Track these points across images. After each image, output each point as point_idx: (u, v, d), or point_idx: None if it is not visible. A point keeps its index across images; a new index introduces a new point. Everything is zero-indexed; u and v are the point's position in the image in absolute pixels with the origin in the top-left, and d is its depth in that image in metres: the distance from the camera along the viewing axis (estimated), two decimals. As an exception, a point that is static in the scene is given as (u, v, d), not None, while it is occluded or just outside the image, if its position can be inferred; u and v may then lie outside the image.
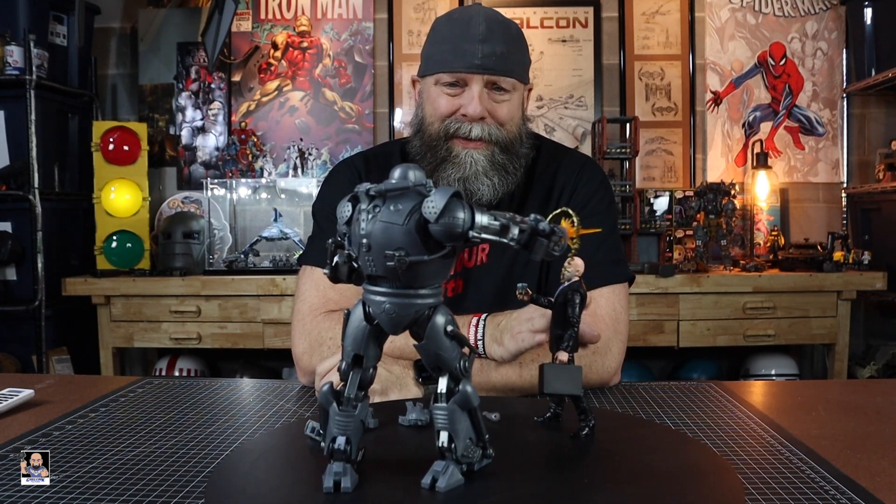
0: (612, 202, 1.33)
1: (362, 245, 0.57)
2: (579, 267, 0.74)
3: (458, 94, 1.21)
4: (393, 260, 0.56)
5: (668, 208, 3.24)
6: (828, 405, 1.00)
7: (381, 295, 0.59)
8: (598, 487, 0.61)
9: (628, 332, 1.24)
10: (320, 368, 1.01)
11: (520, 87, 1.24)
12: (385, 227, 0.57)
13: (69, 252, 3.17)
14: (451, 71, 1.19)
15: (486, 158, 1.21)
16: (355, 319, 0.61)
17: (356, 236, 0.58)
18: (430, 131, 1.24)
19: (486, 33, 1.17)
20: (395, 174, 0.58)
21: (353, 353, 0.61)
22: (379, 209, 0.57)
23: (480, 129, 1.20)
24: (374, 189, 0.58)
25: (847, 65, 3.31)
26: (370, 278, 0.59)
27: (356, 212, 0.59)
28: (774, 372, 3.03)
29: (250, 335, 2.89)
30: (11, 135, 2.95)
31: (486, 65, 1.17)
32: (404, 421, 0.76)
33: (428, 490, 0.58)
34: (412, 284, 0.58)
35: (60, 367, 2.97)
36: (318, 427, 0.68)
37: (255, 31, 3.36)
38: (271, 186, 3.31)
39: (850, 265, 2.92)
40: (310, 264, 1.27)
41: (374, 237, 0.57)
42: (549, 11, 3.33)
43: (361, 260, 0.58)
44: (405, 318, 0.59)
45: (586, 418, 0.73)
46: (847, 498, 0.66)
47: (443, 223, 0.56)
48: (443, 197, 0.56)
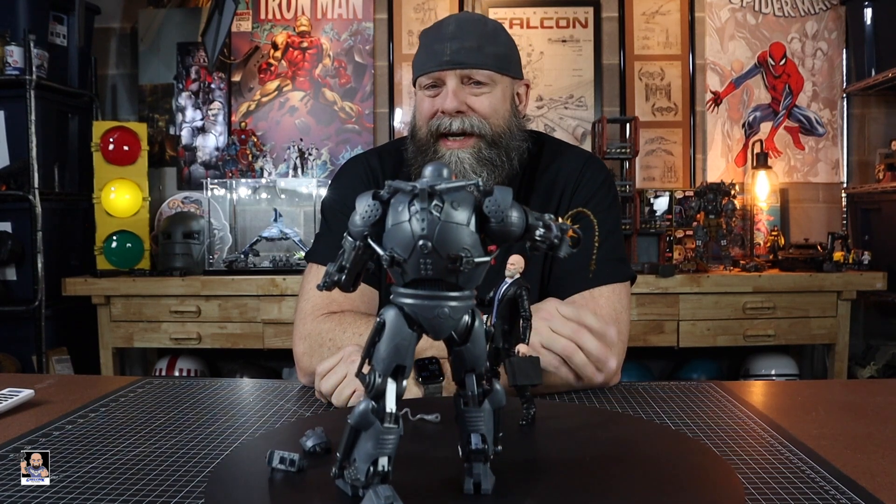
0: (614, 200, 1.33)
1: (419, 247, 0.53)
2: (520, 264, 0.74)
3: (438, 94, 1.23)
4: (459, 261, 0.53)
5: (668, 208, 3.24)
6: (828, 405, 1.00)
7: (433, 299, 0.55)
8: (599, 488, 0.61)
9: (629, 332, 1.24)
10: (320, 368, 1.01)
11: (501, 81, 1.24)
12: (450, 228, 0.54)
13: (69, 252, 3.17)
14: (426, 72, 1.23)
15: (472, 156, 1.22)
16: (396, 327, 0.55)
17: (405, 237, 0.54)
18: (419, 135, 1.26)
19: (455, 31, 1.21)
20: (427, 172, 0.56)
21: (394, 363, 0.55)
22: (440, 208, 0.54)
23: (461, 121, 1.21)
24: (430, 187, 0.54)
25: (847, 65, 3.31)
26: (414, 282, 0.55)
27: (400, 211, 0.54)
28: (774, 372, 3.03)
29: (250, 335, 2.89)
30: (11, 135, 2.95)
31: (455, 59, 1.20)
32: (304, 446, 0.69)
33: (473, 494, 0.58)
34: (465, 286, 0.56)
35: (60, 367, 2.97)
36: (288, 456, 0.63)
37: (255, 31, 3.36)
38: (271, 186, 3.31)
39: (850, 265, 2.92)
40: (316, 262, 1.27)
41: (436, 238, 0.53)
42: (549, 11, 3.33)
43: (411, 262, 0.54)
44: (457, 322, 0.57)
45: (529, 406, 0.78)
46: (847, 498, 0.66)
47: (507, 223, 0.55)
48: (506, 196, 0.55)
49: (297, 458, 0.64)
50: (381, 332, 0.55)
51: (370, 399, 0.54)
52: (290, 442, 0.75)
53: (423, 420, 0.79)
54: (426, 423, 0.79)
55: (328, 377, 0.99)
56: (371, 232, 0.55)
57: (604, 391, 1.10)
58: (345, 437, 0.55)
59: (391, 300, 0.56)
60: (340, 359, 1.00)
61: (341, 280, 0.57)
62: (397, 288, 0.56)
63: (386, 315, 0.55)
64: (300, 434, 0.71)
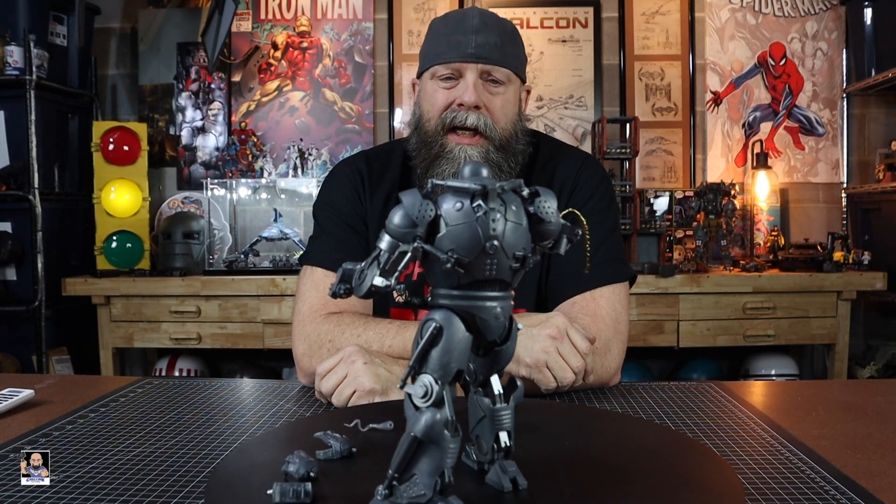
0: (612, 200, 1.32)
1: (492, 247, 0.52)
2: None
3: (454, 86, 1.21)
4: (524, 261, 0.53)
5: (668, 208, 3.24)
6: (828, 405, 1.00)
7: (492, 300, 0.54)
8: (599, 487, 0.61)
9: (628, 332, 1.24)
10: (320, 369, 1.01)
11: (515, 82, 1.24)
12: (514, 228, 0.54)
13: (69, 252, 3.17)
14: (446, 62, 1.20)
15: (481, 155, 1.21)
16: (456, 332, 0.53)
17: (471, 238, 0.52)
18: (427, 127, 1.25)
19: (479, 25, 1.19)
20: (467, 171, 0.55)
21: (455, 369, 0.53)
22: (503, 209, 0.53)
23: (476, 117, 1.20)
24: (500, 187, 0.54)
25: (847, 65, 3.31)
26: (471, 284, 0.53)
27: (460, 211, 0.53)
28: (774, 372, 3.03)
29: (250, 335, 2.89)
30: (11, 135, 2.95)
31: (480, 54, 1.18)
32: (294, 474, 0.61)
33: (512, 493, 0.58)
34: (513, 286, 0.56)
35: (60, 367, 2.97)
36: (292, 488, 0.57)
37: (255, 31, 3.36)
38: (271, 186, 3.31)
39: (850, 265, 2.92)
40: (311, 264, 1.27)
41: (504, 238, 0.53)
42: (549, 11, 3.33)
43: (475, 263, 0.52)
44: (506, 322, 0.56)
45: None
46: (847, 498, 0.66)
47: (554, 224, 0.55)
48: (552, 198, 0.56)
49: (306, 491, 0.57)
50: (437, 338, 0.53)
51: (434, 408, 0.52)
52: (291, 442, 0.75)
53: (375, 430, 0.75)
54: (378, 431, 0.75)
55: (328, 377, 0.99)
56: (423, 232, 0.53)
57: (604, 391, 1.10)
58: (403, 452, 0.52)
59: (438, 303, 0.54)
60: (340, 359, 1.00)
61: (390, 286, 0.53)
62: (450, 290, 0.54)
63: (440, 320, 0.53)
64: (301, 434, 0.71)
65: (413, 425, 0.52)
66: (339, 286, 0.56)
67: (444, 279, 0.54)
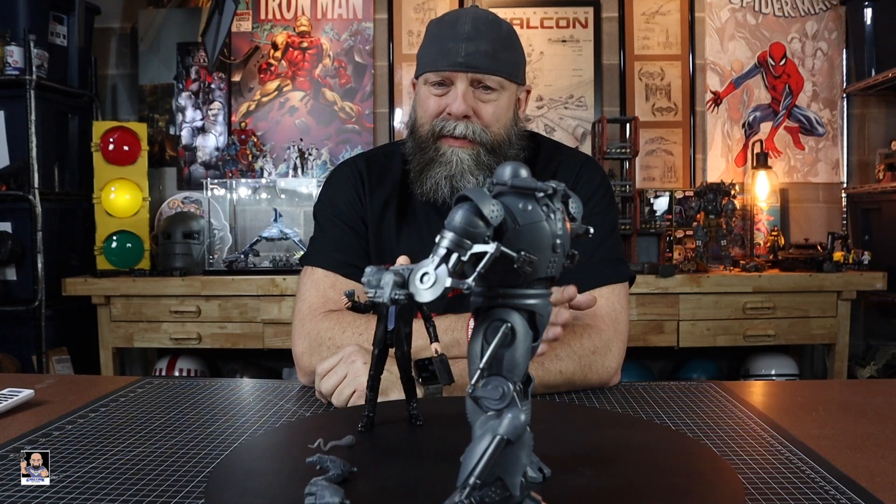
0: (612, 201, 1.33)
1: (556, 246, 0.53)
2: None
3: (445, 93, 1.21)
4: (572, 259, 0.54)
5: (668, 208, 3.24)
6: (828, 405, 1.00)
7: (542, 298, 0.54)
8: (599, 488, 0.61)
9: (628, 332, 1.24)
10: (320, 369, 1.01)
11: (509, 87, 1.23)
12: (566, 228, 0.55)
13: (69, 252, 3.17)
14: (436, 70, 1.20)
15: (472, 158, 1.21)
16: (525, 331, 0.53)
17: (542, 237, 0.52)
18: (420, 133, 1.25)
19: (471, 32, 1.18)
20: (507, 172, 0.54)
21: (524, 368, 0.53)
22: (563, 209, 0.55)
23: (465, 126, 1.20)
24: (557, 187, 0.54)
25: (847, 65, 3.31)
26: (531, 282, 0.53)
27: (531, 210, 0.52)
28: (774, 372, 3.03)
29: (250, 335, 2.89)
30: (11, 135, 2.95)
31: (470, 63, 1.18)
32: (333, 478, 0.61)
33: (542, 482, 0.59)
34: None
35: (60, 367, 2.97)
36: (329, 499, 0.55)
37: (255, 31, 3.36)
38: (271, 186, 3.31)
39: (850, 265, 2.92)
40: (311, 265, 1.27)
41: (563, 237, 0.54)
42: (549, 11, 3.33)
43: (542, 261, 0.52)
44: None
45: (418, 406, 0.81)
46: (847, 498, 0.66)
47: (581, 225, 0.56)
48: (579, 201, 0.57)
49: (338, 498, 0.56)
50: (510, 339, 0.52)
51: (514, 408, 0.51)
52: (291, 442, 0.75)
53: (338, 447, 0.70)
54: (342, 448, 0.70)
55: (328, 377, 0.99)
56: (489, 233, 0.51)
57: (604, 391, 1.10)
58: (489, 454, 0.49)
59: (504, 303, 0.53)
60: (340, 359, 1.00)
61: (471, 287, 0.49)
62: (515, 290, 0.53)
63: (512, 320, 0.52)
64: (299, 434, 0.71)
65: (496, 428, 0.50)
66: (397, 292, 0.53)
67: (503, 278, 0.52)
